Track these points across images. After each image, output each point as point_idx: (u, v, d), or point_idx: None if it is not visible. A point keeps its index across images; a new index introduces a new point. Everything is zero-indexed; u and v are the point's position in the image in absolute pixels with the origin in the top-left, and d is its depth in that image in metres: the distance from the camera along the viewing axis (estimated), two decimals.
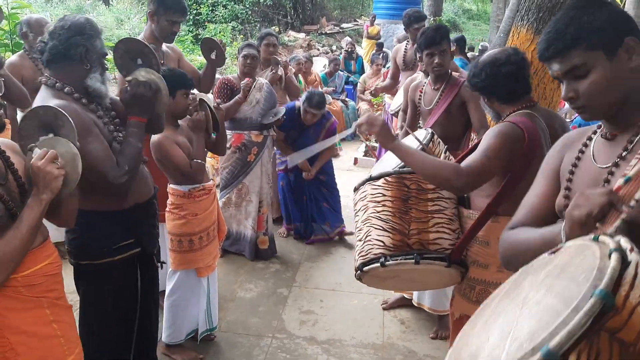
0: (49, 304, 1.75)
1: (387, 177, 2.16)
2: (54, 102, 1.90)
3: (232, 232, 4.19)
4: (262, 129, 4.16)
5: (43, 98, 1.96)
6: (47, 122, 1.75)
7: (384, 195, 2.14)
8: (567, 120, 8.29)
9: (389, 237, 2.08)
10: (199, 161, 2.79)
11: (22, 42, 4.03)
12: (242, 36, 12.27)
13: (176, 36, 3.33)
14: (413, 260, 2.02)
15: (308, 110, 4.30)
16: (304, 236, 4.65)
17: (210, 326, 3.02)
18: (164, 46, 3.36)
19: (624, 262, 0.86)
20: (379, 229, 2.11)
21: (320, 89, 6.27)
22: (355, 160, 7.08)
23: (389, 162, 2.56)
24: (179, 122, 2.85)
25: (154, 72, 2.23)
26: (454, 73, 3.29)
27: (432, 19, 10.29)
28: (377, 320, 3.42)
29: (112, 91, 2.47)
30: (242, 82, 4.03)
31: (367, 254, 2.12)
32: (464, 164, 1.94)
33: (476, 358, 0.96)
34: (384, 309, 3.53)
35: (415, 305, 3.33)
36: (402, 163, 2.34)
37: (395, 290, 3.48)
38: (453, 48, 6.52)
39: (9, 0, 5.30)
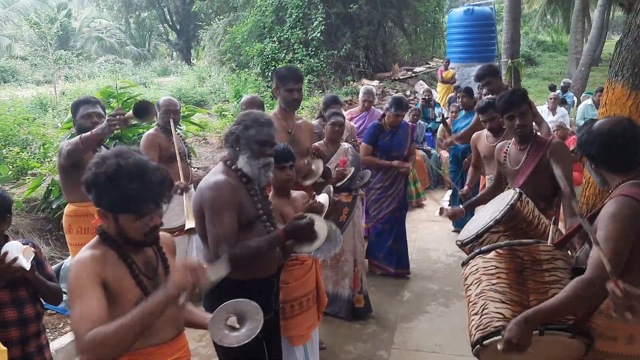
0: None
1: (498, 249, 2.19)
2: (218, 176, 2.30)
3: (328, 293, 4.27)
4: (351, 191, 4.29)
5: (215, 170, 2.42)
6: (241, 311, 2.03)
7: (497, 267, 2.14)
8: None
9: (508, 309, 2.05)
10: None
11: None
12: (320, 90, 12.61)
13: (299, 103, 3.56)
14: (537, 332, 1.96)
15: (397, 113, 4.72)
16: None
17: None
18: (300, 121, 3.64)
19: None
20: (496, 301, 2.09)
21: None
22: (441, 211, 7.00)
23: (480, 220, 2.60)
24: (292, 193, 2.95)
25: (330, 222, 2.53)
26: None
27: (509, 61, 10.11)
28: None
29: None
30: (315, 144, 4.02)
31: (486, 327, 2.08)
32: (589, 262, 1.93)
33: None
34: None
35: None
36: (493, 221, 2.45)
37: None
38: (460, 101, 6.37)
39: (118, 83, 5.85)
